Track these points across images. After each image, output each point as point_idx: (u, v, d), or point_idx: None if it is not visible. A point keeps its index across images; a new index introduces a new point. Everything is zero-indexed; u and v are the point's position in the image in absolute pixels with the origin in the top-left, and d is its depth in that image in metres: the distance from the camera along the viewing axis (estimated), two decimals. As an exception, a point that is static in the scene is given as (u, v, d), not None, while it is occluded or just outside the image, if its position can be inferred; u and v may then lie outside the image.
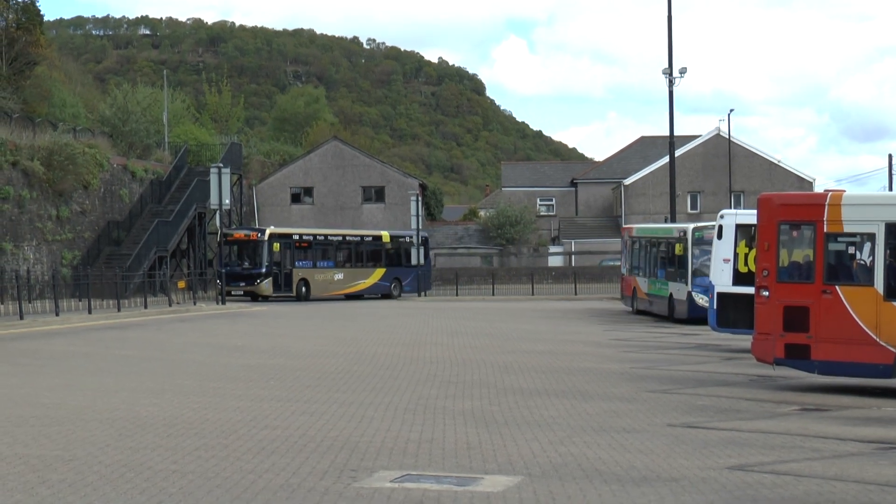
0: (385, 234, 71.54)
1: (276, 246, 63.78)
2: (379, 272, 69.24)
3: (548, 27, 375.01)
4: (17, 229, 57.04)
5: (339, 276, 66.57)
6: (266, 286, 62.96)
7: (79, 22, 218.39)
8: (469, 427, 17.33)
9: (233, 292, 61.74)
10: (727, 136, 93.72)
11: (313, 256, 66.13)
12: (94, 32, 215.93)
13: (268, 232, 64.12)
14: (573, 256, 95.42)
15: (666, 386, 23.18)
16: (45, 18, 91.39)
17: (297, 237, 66.09)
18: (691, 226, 45.11)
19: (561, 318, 47.79)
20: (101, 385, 22.62)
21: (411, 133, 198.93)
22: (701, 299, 41.82)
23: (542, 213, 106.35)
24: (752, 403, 20.84)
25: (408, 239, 71.65)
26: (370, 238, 70.78)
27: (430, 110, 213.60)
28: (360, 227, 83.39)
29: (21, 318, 40.63)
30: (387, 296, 69.34)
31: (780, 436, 17.02)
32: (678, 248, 50.70)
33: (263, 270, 63.13)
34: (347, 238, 69.24)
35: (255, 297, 62.94)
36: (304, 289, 64.56)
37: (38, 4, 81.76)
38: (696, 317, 42.06)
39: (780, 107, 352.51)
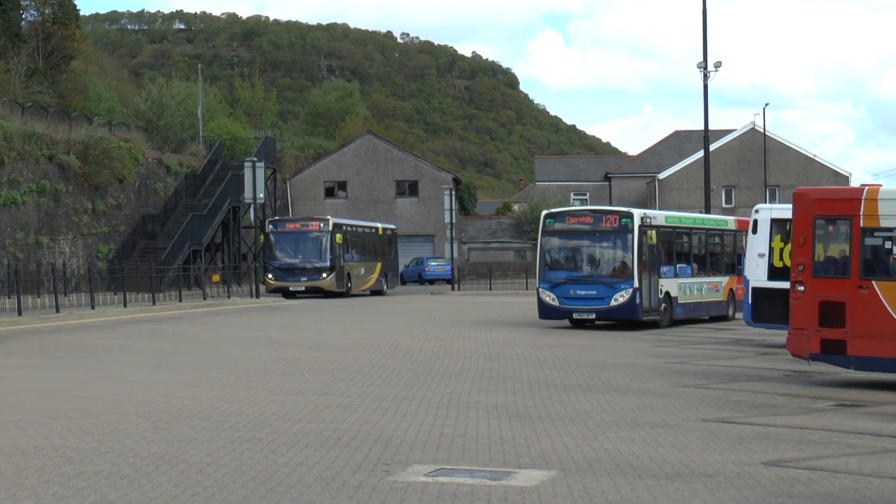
0: (380, 227, 70.48)
1: (339, 237, 61.16)
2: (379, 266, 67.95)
3: (584, 20, 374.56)
4: (53, 223, 57.34)
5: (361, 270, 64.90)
6: (331, 281, 60.10)
7: (114, 17, 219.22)
8: (502, 421, 17.31)
9: (291, 288, 59.16)
10: (762, 130, 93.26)
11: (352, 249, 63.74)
12: (129, 27, 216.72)
13: (331, 222, 61.46)
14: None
15: (700, 381, 23.10)
16: (81, 13, 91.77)
17: (349, 229, 63.69)
18: (544, 212, 39.02)
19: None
20: (137, 378, 22.72)
21: (445, 127, 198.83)
22: (548, 297, 37.26)
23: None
24: (788, 399, 20.74)
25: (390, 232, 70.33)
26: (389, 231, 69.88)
27: (463, 104, 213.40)
28: (393, 222, 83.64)
29: (57, 311, 40.84)
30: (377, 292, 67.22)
31: (815, 431, 16.93)
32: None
33: (328, 264, 60.36)
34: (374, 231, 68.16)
35: (317, 293, 59.88)
36: (349, 284, 62.40)
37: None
38: (546, 317, 37.69)
39: (817, 100, 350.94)
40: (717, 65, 59.74)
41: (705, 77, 58.88)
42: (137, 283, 51.85)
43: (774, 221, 30.31)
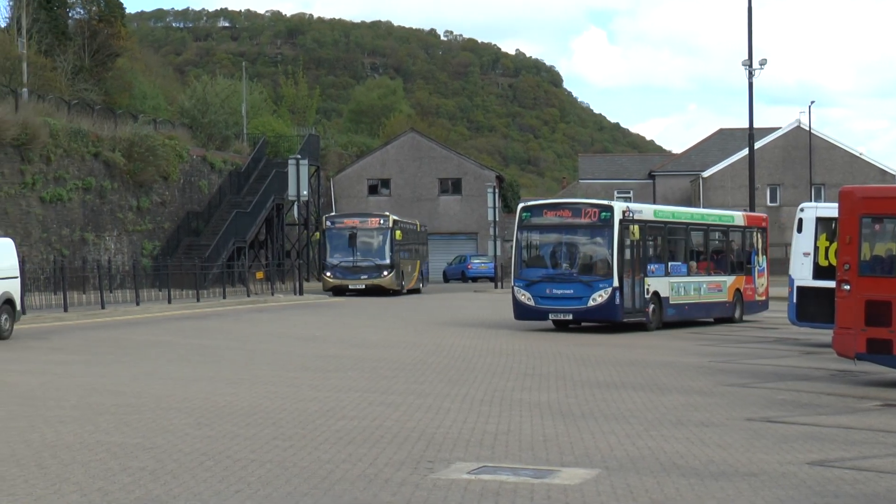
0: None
1: (399, 234, 59.62)
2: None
3: (629, 17, 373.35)
4: (98, 220, 57.68)
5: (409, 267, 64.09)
6: (391, 279, 58.63)
7: (159, 14, 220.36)
8: (545, 419, 17.29)
9: (350, 287, 57.56)
10: (808, 129, 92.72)
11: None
12: (174, 25, 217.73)
13: (391, 218, 60.10)
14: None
15: (744, 380, 22.99)
16: (127, 11, 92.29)
17: (401, 226, 61.76)
18: (520, 205, 37.19)
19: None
20: (181, 374, 22.81)
21: (488, 125, 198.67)
22: (524, 296, 35.11)
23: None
24: (833, 398, 20.61)
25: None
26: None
27: (506, 102, 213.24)
28: (437, 220, 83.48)
29: (102, 307, 41.06)
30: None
31: (861, 431, 16.82)
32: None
33: (388, 261, 58.76)
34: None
35: (376, 292, 57.92)
36: (402, 282, 60.92)
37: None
38: (522, 317, 35.61)
39: (864, 98, 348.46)
40: (762, 62, 59.52)
41: (750, 75, 58.65)
42: (182, 279, 52.05)
43: (820, 220, 30.14)
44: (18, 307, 31.37)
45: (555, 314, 34.74)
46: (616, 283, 33.86)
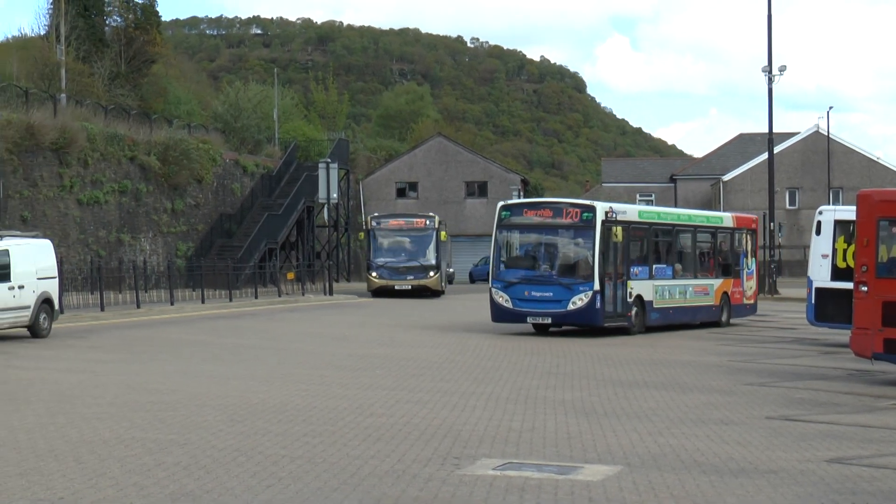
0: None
1: (444, 234, 58.42)
2: None
3: (652, 24, 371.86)
4: (134, 221, 57.87)
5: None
6: (437, 280, 56.97)
7: (193, 22, 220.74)
8: (569, 417, 17.28)
9: (396, 287, 55.83)
10: (826, 133, 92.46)
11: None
12: (207, 32, 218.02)
13: (437, 219, 58.86)
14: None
15: (763, 379, 22.94)
16: (162, 19, 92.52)
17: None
18: (500, 204, 34.84)
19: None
20: (214, 372, 22.88)
21: (513, 130, 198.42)
22: (501, 298, 33.26)
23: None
24: (851, 397, 20.55)
25: None
26: None
27: (531, 107, 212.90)
28: (463, 222, 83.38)
29: (138, 306, 41.18)
30: None
31: (878, 430, 16.77)
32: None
33: (434, 262, 56.83)
34: None
35: (422, 293, 56.13)
36: (443, 282, 59.58)
37: (156, 5, 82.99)
38: (499, 320, 33.80)
39: (882, 104, 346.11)
40: (782, 69, 59.46)
41: (770, 81, 58.58)
42: (215, 280, 52.16)
43: (838, 223, 30.07)
44: (56, 306, 31.54)
45: (533, 317, 33.04)
46: (597, 286, 32.07)
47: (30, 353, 26.22)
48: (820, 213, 31.03)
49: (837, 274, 29.57)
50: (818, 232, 30.48)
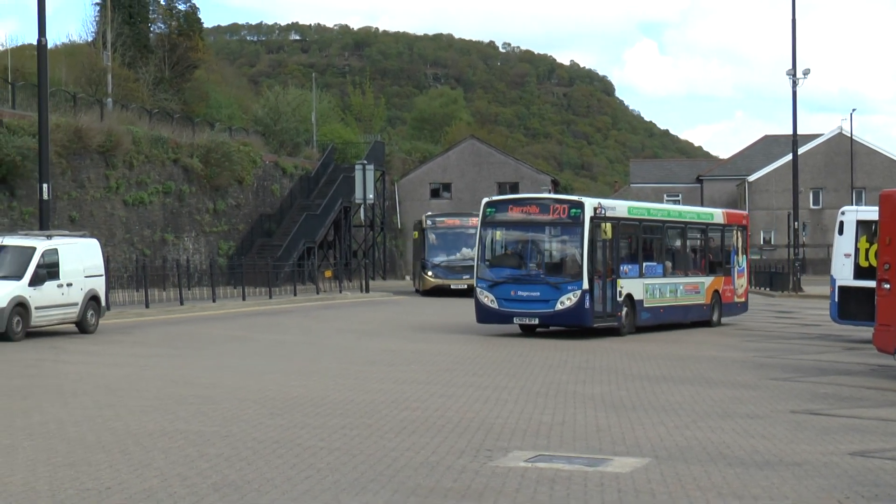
0: None
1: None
2: None
3: (679, 29, 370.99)
4: (177, 221, 58.09)
5: None
6: None
7: (234, 28, 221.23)
8: (598, 411, 17.25)
9: (452, 286, 54.72)
10: (849, 135, 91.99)
11: None
12: (248, 38, 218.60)
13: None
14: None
15: (788, 374, 22.83)
16: (205, 26, 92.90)
17: None
18: (485, 200, 32.57)
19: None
20: (254, 367, 22.95)
21: (544, 132, 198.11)
22: (486, 297, 31.28)
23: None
24: (873, 392, 20.43)
25: None
26: None
27: (561, 110, 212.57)
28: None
29: (181, 303, 41.34)
30: None
31: (900, 424, 16.67)
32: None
33: None
34: None
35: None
36: None
37: (198, 13, 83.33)
38: (485, 321, 31.81)
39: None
40: (806, 72, 59.19)
41: (794, 84, 58.31)
42: (255, 278, 52.31)
43: (860, 223, 29.89)
44: (103, 303, 31.70)
45: (520, 318, 31.01)
46: (586, 285, 30.01)
47: (78, 349, 26.37)
48: (843, 213, 30.86)
49: (860, 273, 29.41)
50: (841, 232, 30.31)
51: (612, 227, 31.43)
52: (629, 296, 32.09)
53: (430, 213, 60.14)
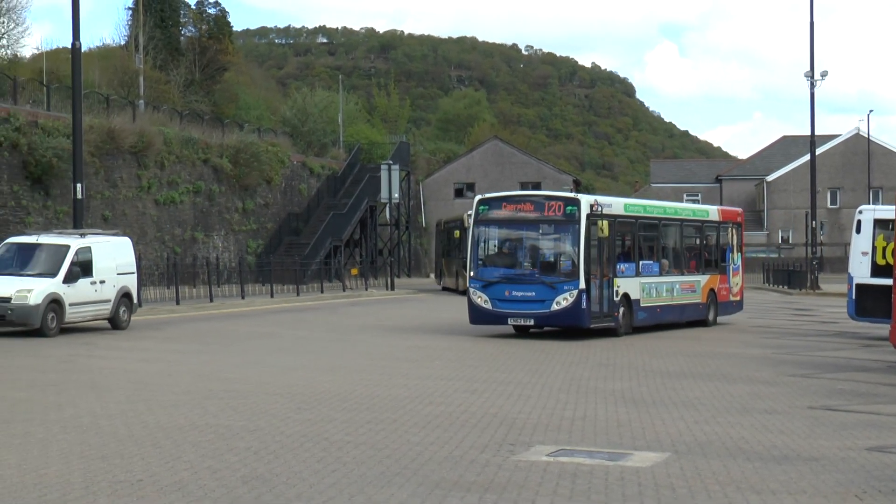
0: None
1: None
2: None
3: (698, 31, 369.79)
4: (207, 220, 58.24)
5: None
6: None
7: (263, 32, 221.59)
8: (619, 406, 17.22)
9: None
10: (866, 136, 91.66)
11: None
12: (276, 41, 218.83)
13: None
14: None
15: (806, 370, 22.74)
16: (234, 29, 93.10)
17: None
18: (477, 197, 31.08)
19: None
20: (282, 363, 22.98)
21: (566, 133, 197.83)
22: (480, 298, 29.45)
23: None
24: (890, 388, 20.33)
25: None
26: None
27: (583, 111, 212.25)
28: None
29: (211, 300, 41.46)
30: None
31: (916, 420, 16.58)
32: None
33: None
34: None
35: None
36: None
37: (227, 16, 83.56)
38: (478, 322, 29.99)
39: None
40: (824, 74, 59.08)
41: (812, 86, 58.11)
42: (283, 275, 52.43)
43: (877, 222, 29.78)
44: (135, 300, 31.81)
45: (514, 318, 29.22)
46: (582, 284, 28.35)
47: (110, 344, 26.47)
48: (860, 212, 30.73)
49: (877, 271, 29.29)
50: (858, 230, 30.19)
51: (608, 224, 29.63)
52: (626, 295, 30.53)
53: (469, 213, 60.16)
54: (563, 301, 28.42)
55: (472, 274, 29.77)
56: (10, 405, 16.30)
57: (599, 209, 29.36)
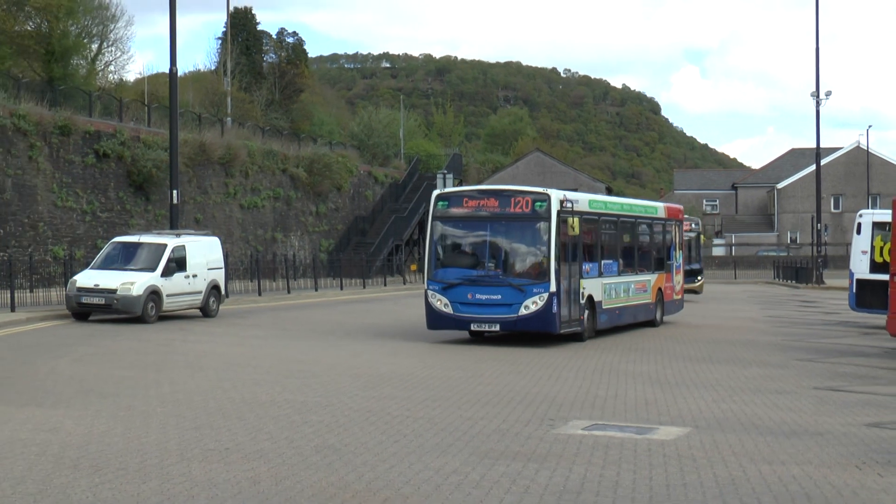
0: None
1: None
2: None
3: (718, 56, 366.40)
4: (285, 222, 58.50)
5: None
6: None
7: (334, 58, 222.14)
8: (646, 386, 17.14)
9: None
10: (866, 148, 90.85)
11: None
12: (346, 66, 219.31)
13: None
14: (733, 247, 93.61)
15: (812, 355, 22.54)
16: (309, 55, 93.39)
17: None
18: (435, 192, 25.24)
19: (723, 299, 46.86)
20: (350, 347, 23.03)
21: (599, 145, 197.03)
22: (439, 301, 23.92)
23: (707, 212, 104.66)
24: (888, 371, 20.11)
25: None
26: None
27: (614, 127, 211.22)
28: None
29: (288, 292, 41.63)
30: None
31: (910, 400, 16.38)
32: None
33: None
34: None
35: None
36: None
37: (304, 45, 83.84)
38: (436, 326, 24.36)
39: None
40: (828, 94, 58.68)
41: (817, 104, 57.61)
42: (351, 270, 52.58)
43: (875, 224, 29.47)
44: (223, 292, 32.01)
45: (478, 324, 23.64)
46: (553, 286, 23.22)
47: (202, 330, 26.64)
48: (860, 215, 30.44)
49: (875, 267, 28.99)
50: (859, 231, 29.89)
51: (578, 221, 24.60)
52: (590, 297, 25.38)
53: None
54: (533, 305, 23.25)
55: (430, 275, 24.30)
56: (116, 382, 16.46)
57: (570, 205, 24.28)
